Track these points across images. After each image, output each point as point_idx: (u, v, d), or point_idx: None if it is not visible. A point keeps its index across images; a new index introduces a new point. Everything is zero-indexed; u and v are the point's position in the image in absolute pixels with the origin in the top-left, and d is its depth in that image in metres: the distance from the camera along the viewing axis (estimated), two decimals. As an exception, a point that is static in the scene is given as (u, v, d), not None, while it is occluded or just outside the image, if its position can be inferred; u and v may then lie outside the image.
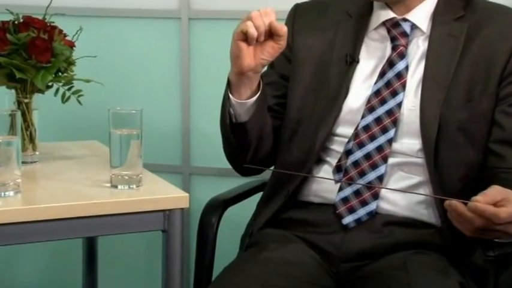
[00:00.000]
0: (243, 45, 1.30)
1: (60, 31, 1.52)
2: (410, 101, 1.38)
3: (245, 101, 1.36)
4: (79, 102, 1.51)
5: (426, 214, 1.38)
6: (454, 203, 1.16)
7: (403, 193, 1.37)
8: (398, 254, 1.34)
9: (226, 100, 1.37)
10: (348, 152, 1.39)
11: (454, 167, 1.35)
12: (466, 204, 1.15)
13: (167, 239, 1.29)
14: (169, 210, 1.28)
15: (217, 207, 1.54)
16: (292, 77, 1.46)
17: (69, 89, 1.50)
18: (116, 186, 1.32)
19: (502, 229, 1.17)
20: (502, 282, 1.35)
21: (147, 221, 1.28)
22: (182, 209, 1.29)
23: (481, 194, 1.16)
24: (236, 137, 1.40)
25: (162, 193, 1.31)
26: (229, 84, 1.37)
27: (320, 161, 1.43)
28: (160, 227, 1.29)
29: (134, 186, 1.32)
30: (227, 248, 1.57)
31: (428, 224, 1.38)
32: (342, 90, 1.41)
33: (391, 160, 1.37)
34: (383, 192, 1.37)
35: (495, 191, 1.17)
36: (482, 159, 1.36)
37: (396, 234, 1.36)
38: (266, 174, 1.53)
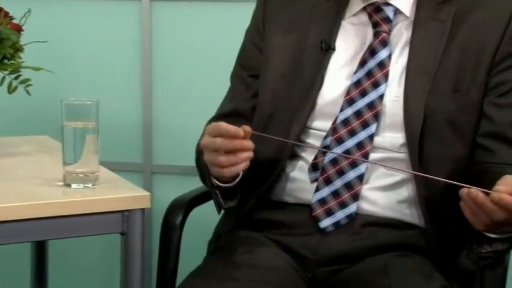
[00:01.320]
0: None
1: (6, 13, 1.50)
2: (393, 91, 1.37)
3: (231, 185, 1.35)
4: (27, 92, 1.49)
5: (409, 214, 1.38)
6: (475, 192, 1.13)
7: (384, 192, 1.36)
8: (379, 257, 1.34)
9: (211, 188, 1.36)
10: (325, 148, 1.38)
11: (440, 162, 1.34)
12: (487, 194, 1.13)
13: (126, 242, 1.28)
14: (128, 210, 1.27)
15: (182, 207, 1.53)
16: (264, 67, 1.45)
17: (16, 78, 1.48)
18: (69, 185, 1.30)
19: None
20: (488, 285, 1.35)
21: (104, 222, 1.27)
22: (143, 209, 1.28)
23: (502, 184, 1.13)
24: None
25: (121, 192, 1.30)
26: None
27: (295, 157, 1.42)
28: (119, 229, 1.28)
29: (90, 184, 1.30)
30: (193, 252, 1.56)
31: (411, 225, 1.38)
32: (317, 79, 1.39)
33: (372, 156, 1.36)
34: (363, 192, 1.36)
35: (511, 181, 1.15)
36: (470, 154, 1.36)
37: (377, 235, 1.36)
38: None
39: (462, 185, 1.16)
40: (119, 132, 2.04)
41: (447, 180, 1.19)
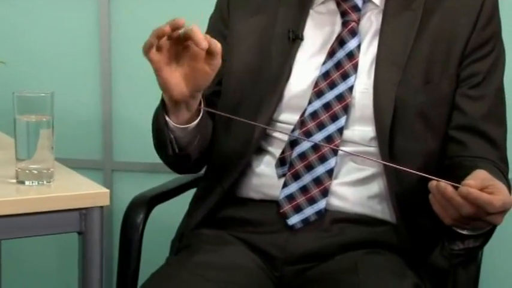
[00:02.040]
0: (162, 65, 1.24)
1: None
2: (362, 83, 1.37)
3: (186, 126, 1.33)
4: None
5: (380, 210, 1.38)
6: (444, 185, 1.13)
7: (354, 187, 1.36)
8: (348, 255, 1.33)
9: (163, 125, 1.33)
10: (293, 143, 1.37)
11: (411, 156, 1.34)
12: (456, 188, 1.13)
13: (84, 241, 1.26)
14: (86, 208, 1.25)
15: (143, 205, 1.52)
16: (229, 56, 1.43)
17: (-36, 69, 1.46)
18: (22, 182, 1.28)
19: (489, 219, 1.16)
20: (461, 284, 1.36)
21: (60, 221, 1.25)
22: (102, 207, 1.26)
23: (471, 178, 1.14)
24: (178, 159, 1.39)
25: (78, 189, 1.28)
26: (163, 105, 1.33)
27: (261, 151, 1.41)
28: (76, 228, 1.26)
29: (44, 181, 1.28)
30: (156, 252, 1.55)
31: (382, 221, 1.38)
32: (284, 70, 1.38)
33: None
34: (333, 187, 1.36)
35: (483, 176, 1.15)
36: (442, 148, 1.36)
37: (346, 232, 1.36)
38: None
39: (431, 177, 1.16)
40: (77, 128, 2.02)
41: (417, 172, 1.19)
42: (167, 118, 1.32)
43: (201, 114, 1.34)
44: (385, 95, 1.34)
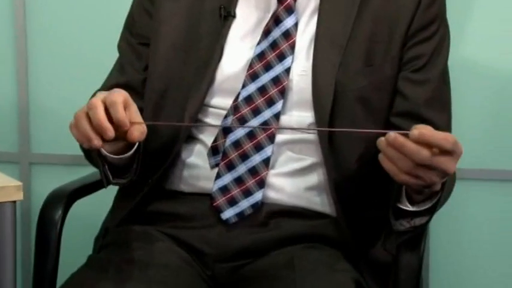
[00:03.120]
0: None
1: None
2: (300, 65, 1.35)
3: (121, 156, 1.28)
4: None
5: (319, 202, 1.37)
6: (394, 134, 1.13)
7: (291, 178, 1.35)
8: (285, 250, 1.32)
9: (98, 158, 1.28)
10: (226, 130, 1.36)
11: (351, 144, 1.34)
12: (406, 136, 1.13)
13: None
14: None
15: (61, 200, 1.48)
16: (155, 36, 1.40)
17: None
18: None
19: (443, 166, 1.14)
20: (403, 279, 1.35)
21: None
22: (14, 202, 1.25)
23: (418, 125, 1.14)
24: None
25: None
26: None
27: (191, 139, 1.39)
28: (-15, 225, 1.23)
29: (-51, 174, 1.24)
30: (77, 250, 1.52)
31: (320, 214, 1.37)
32: (215, 51, 1.36)
33: (278, 138, 1.34)
34: (269, 178, 1.34)
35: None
36: (383, 134, 1.33)
37: (283, 226, 1.35)
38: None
39: (378, 131, 1.16)
40: None
41: (363, 130, 1.19)
42: (102, 151, 1.26)
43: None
44: (324, 78, 1.33)
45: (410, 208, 1.25)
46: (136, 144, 1.27)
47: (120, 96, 1.20)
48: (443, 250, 1.82)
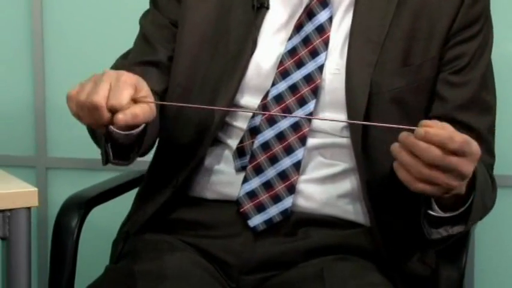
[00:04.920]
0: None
1: None
2: (333, 63, 1.34)
3: (128, 133, 1.26)
4: None
5: (351, 210, 1.35)
6: (404, 134, 1.13)
7: (322, 185, 1.34)
8: (314, 261, 1.31)
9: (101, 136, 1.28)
10: (253, 130, 1.34)
11: (386, 149, 1.27)
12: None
13: (9, 248, 1.26)
14: (10, 210, 1.25)
15: (79, 207, 1.49)
16: (181, 25, 1.39)
17: None
18: None
19: (456, 166, 1.13)
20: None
21: None
22: (29, 208, 1.26)
23: (425, 121, 1.14)
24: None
25: (1, 188, 1.28)
26: None
27: (217, 143, 1.37)
28: (-1, 232, 1.24)
29: (-39, 179, 1.27)
30: (95, 259, 1.54)
31: (353, 223, 1.36)
32: (247, 44, 1.35)
33: (310, 141, 1.33)
34: (299, 185, 1.33)
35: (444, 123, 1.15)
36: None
37: (312, 236, 1.33)
38: (145, 164, 1.48)
39: (399, 126, 1.15)
40: (5, 120, 2.00)
41: (384, 124, 1.18)
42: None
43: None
44: (359, 77, 1.32)
45: (442, 214, 1.23)
46: (141, 127, 1.24)
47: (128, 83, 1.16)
48: (489, 262, 1.80)
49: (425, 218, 1.25)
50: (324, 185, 1.34)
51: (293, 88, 1.33)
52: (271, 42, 1.36)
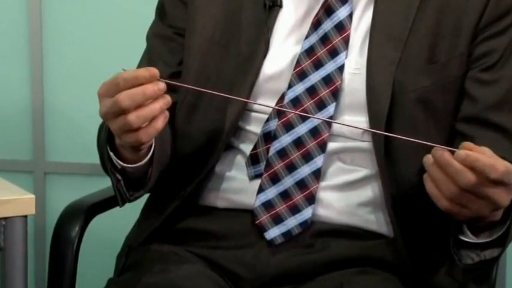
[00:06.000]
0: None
1: None
2: (353, 62, 1.33)
3: (138, 164, 1.27)
4: None
5: (373, 220, 1.33)
6: (440, 151, 1.12)
7: (341, 192, 1.31)
8: (333, 274, 1.29)
9: (112, 172, 1.28)
10: (268, 136, 1.33)
11: (410, 154, 1.29)
12: (452, 153, 1.12)
13: (4, 259, 1.27)
14: (5, 218, 1.26)
15: (79, 215, 1.48)
16: (189, 28, 1.38)
17: None
18: None
19: (492, 195, 1.12)
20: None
21: None
22: (26, 216, 1.27)
23: (467, 143, 1.14)
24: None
25: None
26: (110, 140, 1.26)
27: (230, 148, 1.35)
28: (-7, 242, 1.26)
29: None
30: (95, 272, 1.56)
31: (375, 234, 1.33)
32: (259, 45, 1.34)
33: (330, 146, 1.31)
34: (321, 193, 1.31)
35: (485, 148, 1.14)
36: (448, 143, 1.31)
37: (331, 247, 1.31)
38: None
39: (429, 143, 1.15)
40: (0, 121, 2.01)
41: (414, 140, 1.16)
42: (115, 160, 1.26)
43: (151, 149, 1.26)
44: (380, 76, 1.30)
45: (474, 240, 1.20)
46: (152, 150, 1.25)
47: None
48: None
49: (454, 241, 1.22)
50: (344, 192, 1.32)
51: (311, 90, 1.32)
52: (286, 42, 1.35)
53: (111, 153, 1.26)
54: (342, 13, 1.33)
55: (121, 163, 1.26)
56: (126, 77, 1.15)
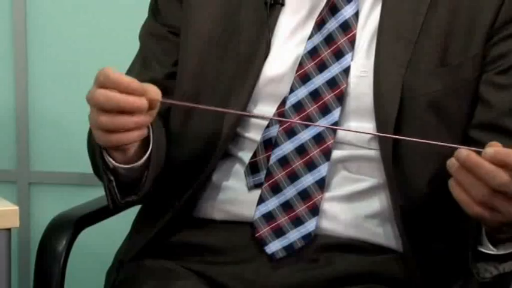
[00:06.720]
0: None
1: None
2: (360, 64, 1.30)
3: (131, 166, 1.25)
4: None
5: (381, 234, 1.30)
6: (466, 152, 1.09)
7: (347, 203, 1.29)
8: None
9: (104, 171, 1.26)
10: (268, 143, 1.31)
11: (421, 162, 1.28)
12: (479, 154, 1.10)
13: None
14: None
15: (66, 228, 1.46)
16: (185, 28, 1.35)
17: None
18: None
19: None
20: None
21: None
22: (9, 229, 1.26)
23: (493, 142, 1.11)
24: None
25: None
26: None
27: (227, 157, 1.33)
28: (-25, 257, 1.23)
29: None
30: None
31: (383, 248, 1.31)
32: (260, 46, 1.32)
33: (335, 154, 1.29)
34: (322, 202, 1.28)
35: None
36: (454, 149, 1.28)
37: (336, 263, 1.29)
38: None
39: (451, 145, 1.12)
40: None
41: (433, 142, 1.15)
42: (107, 158, 1.24)
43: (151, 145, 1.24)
44: (389, 79, 1.28)
45: (494, 252, 1.18)
46: (149, 151, 1.24)
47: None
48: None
49: (471, 253, 1.19)
50: (349, 203, 1.29)
51: (315, 94, 1.30)
52: (288, 42, 1.33)
53: (103, 151, 1.23)
54: (347, 12, 1.31)
55: (113, 162, 1.23)
56: (109, 76, 1.14)
